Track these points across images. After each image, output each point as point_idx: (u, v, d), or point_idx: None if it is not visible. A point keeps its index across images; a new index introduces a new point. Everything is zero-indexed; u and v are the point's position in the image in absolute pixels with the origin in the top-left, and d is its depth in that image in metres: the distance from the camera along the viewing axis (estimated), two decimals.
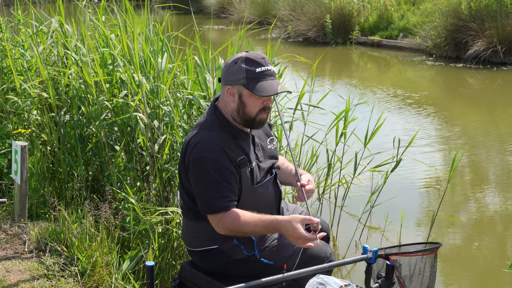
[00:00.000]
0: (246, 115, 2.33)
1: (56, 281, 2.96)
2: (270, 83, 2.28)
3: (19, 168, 3.52)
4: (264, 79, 2.28)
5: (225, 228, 2.29)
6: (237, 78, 2.29)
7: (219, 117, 2.37)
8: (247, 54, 2.31)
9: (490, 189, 5.51)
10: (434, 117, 7.97)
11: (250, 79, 2.27)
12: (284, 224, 2.22)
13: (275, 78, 2.32)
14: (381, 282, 2.23)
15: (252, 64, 2.28)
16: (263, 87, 2.26)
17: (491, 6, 11.12)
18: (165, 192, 3.67)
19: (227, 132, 2.35)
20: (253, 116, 2.33)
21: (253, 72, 2.27)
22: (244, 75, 2.27)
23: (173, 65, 3.76)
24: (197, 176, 2.30)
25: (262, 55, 2.32)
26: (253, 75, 2.27)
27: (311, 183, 2.52)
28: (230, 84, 2.32)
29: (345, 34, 14.36)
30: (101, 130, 3.78)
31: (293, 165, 2.65)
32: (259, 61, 2.29)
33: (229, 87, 2.33)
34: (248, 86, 2.27)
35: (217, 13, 19.94)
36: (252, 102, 2.30)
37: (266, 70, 2.28)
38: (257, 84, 2.27)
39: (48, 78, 3.87)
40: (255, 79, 2.27)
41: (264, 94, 2.26)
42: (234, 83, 2.31)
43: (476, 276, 4.08)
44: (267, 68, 2.29)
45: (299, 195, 2.50)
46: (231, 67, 2.31)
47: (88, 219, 3.22)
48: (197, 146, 2.29)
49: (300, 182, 2.46)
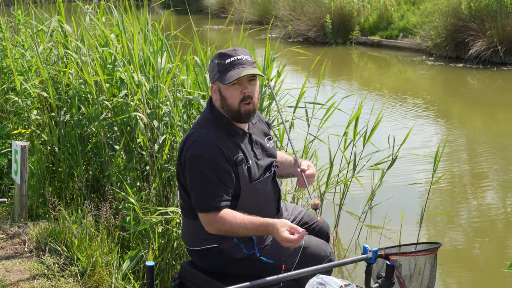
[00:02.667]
0: (230, 108, 2.35)
1: (56, 281, 2.96)
2: (238, 70, 2.30)
3: (19, 168, 3.52)
4: (233, 68, 2.30)
5: (215, 228, 2.30)
6: (213, 75, 2.36)
7: (215, 115, 2.39)
8: (221, 50, 2.37)
9: (490, 189, 5.51)
10: (434, 117, 7.97)
11: (221, 72, 2.31)
12: (272, 226, 2.24)
13: (247, 67, 2.32)
14: (381, 282, 2.23)
15: (222, 58, 2.33)
16: (230, 75, 2.29)
17: (491, 6, 11.12)
18: (165, 192, 3.67)
19: (223, 130, 2.36)
20: (236, 108, 2.34)
21: (223, 65, 2.31)
22: (217, 69, 2.33)
23: (172, 65, 3.77)
24: (192, 174, 2.31)
25: (237, 48, 2.37)
26: (223, 67, 2.31)
27: (311, 168, 2.57)
28: (212, 82, 2.39)
29: (345, 34, 14.36)
30: (101, 130, 3.78)
31: (291, 157, 2.67)
32: (229, 53, 2.33)
33: (212, 85, 2.39)
34: (220, 79, 2.32)
35: (217, 13, 19.94)
36: (230, 94, 2.32)
37: (235, 60, 2.31)
38: (226, 74, 2.30)
39: (48, 78, 3.87)
40: (225, 70, 2.31)
41: (229, 81, 2.28)
42: (212, 80, 2.37)
43: (476, 276, 4.08)
44: (236, 57, 2.31)
45: (300, 180, 2.54)
46: (209, 65, 2.39)
47: (88, 219, 3.22)
48: (194, 144, 2.31)
49: (300, 168, 2.51)
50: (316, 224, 2.75)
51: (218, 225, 2.28)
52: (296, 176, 2.61)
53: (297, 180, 2.64)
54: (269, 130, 2.63)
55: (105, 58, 3.92)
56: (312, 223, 2.74)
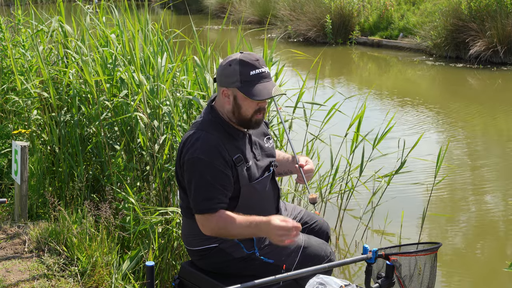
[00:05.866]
0: (242, 116, 2.33)
1: (56, 281, 2.96)
2: (265, 85, 2.28)
3: (19, 168, 3.52)
4: (258, 81, 2.27)
5: (210, 229, 2.31)
6: (231, 81, 2.29)
7: (215, 117, 2.38)
8: (241, 55, 2.29)
9: (490, 189, 5.51)
10: (434, 117, 7.97)
11: (244, 82, 2.26)
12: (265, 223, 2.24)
13: (270, 80, 2.32)
14: (381, 282, 2.23)
15: (246, 67, 2.27)
16: (258, 90, 2.26)
17: (491, 6, 11.13)
18: (165, 192, 3.67)
19: (223, 132, 2.35)
20: (249, 117, 2.33)
21: (247, 75, 2.26)
22: (238, 77, 2.27)
23: (172, 65, 3.76)
24: (190, 176, 2.31)
25: (256, 56, 2.31)
26: (247, 78, 2.26)
27: (310, 163, 2.57)
28: (225, 86, 2.32)
29: (345, 34, 14.36)
30: (102, 130, 3.78)
31: (289, 154, 2.67)
32: (253, 63, 2.28)
33: (224, 88, 2.33)
34: (242, 89, 2.27)
35: (217, 13, 19.94)
36: (247, 104, 2.30)
37: (260, 73, 2.28)
38: (251, 87, 2.26)
39: (49, 78, 3.87)
40: (249, 82, 2.26)
41: (258, 98, 2.26)
42: (228, 85, 2.30)
43: (476, 276, 4.08)
44: (261, 70, 2.28)
45: (298, 176, 2.55)
46: (226, 69, 2.30)
47: (88, 219, 3.22)
48: (193, 146, 2.30)
49: (298, 163, 2.52)
50: (316, 224, 2.75)
51: (213, 225, 2.28)
52: (295, 172, 2.62)
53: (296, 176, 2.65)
54: (268, 129, 2.63)
55: (106, 58, 3.93)
56: (312, 222, 2.74)
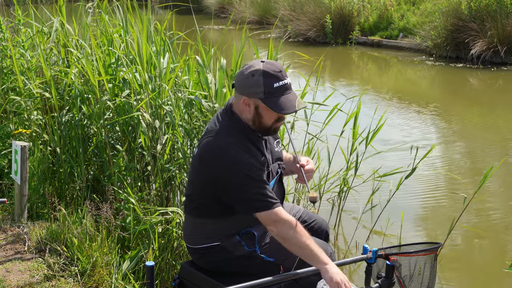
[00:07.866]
0: (262, 125, 2.34)
1: (56, 281, 2.96)
2: (288, 98, 2.28)
3: (19, 168, 3.52)
4: (282, 94, 2.28)
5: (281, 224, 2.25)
6: (254, 92, 2.28)
7: (237, 122, 2.37)
8: (264, 66, 2.28)
9: (490, 189, 5.51)
10: (434, 118, 7.97)
11: (268, 94, 2.26)
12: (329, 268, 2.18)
13: (291, 91, 2.32)
14: (381, 282, 2.23)
15: (269, 78, 2.26)
16: (282, 103, 2.26)
17: (491, 6, 11.13)
18: (166, 192, 3.68)
19: (247, 137, 2.35)
20: (269, 126, 2.35)
21: (271, 87, 2.26)
22: (262, 89, 2.26)
23: (175, 65, 3.76)
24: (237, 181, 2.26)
25: (279, 66, 2.30)
26: (271, 90, 2.26)
27: (310, 163, 2.59)
28: (246, 96, 2.31)
29: (345, 34, 14.35)
30: (103, 130, 3.78)
31: (290, 154, 2.68)
32: (277, 74, 2.27)
33: (245, 98, 2.31)
34: (265, 101, 2.27)
35: (217, 13, 19.93)
36: (268, 114, 2.31)
37: (284, 84, 2.28)
38: (275, 99, 2.27)
39: (50, 78, 3.88)
40: (273, 94, 2.27)
41: (283, 112, 2.27)
42: (250, 95, 2.29)
43: (476, 276, 4.08)
44: (284, 82, 2.28)
45: (299, 176, 2.57)
46: (248, 78, 2.28)
47: (88, 219, 3.23)
48: (228, 154, 2.27)
49: (300, 163, 2.53)
50: (315, 223, 2.75)
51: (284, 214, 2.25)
52: (296, 172, 2.63)
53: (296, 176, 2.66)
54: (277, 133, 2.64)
55: (108, 58, 3.93)
56: (311, 221, 2.75)
